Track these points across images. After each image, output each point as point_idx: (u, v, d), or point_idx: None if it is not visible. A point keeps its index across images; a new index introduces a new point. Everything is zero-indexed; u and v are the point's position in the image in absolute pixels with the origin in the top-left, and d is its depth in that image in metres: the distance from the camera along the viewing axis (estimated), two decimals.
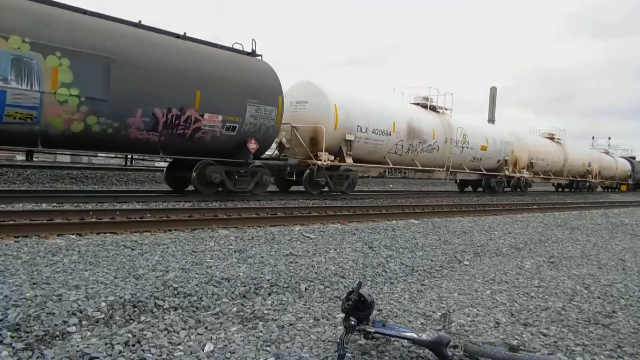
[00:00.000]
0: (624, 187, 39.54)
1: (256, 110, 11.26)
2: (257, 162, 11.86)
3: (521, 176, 23.11)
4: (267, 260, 5.12)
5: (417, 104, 18.15)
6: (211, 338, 3.11)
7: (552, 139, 28.41)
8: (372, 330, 2.93)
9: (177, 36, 10.75)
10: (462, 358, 2.87)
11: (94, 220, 6.82)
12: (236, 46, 11.85)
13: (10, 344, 2.76)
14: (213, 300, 3.80)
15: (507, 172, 21.94)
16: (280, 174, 13.50)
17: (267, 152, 13.40)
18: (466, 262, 6.19)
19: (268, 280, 4.38)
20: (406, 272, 5.36)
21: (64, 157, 18.70)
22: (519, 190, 23.42)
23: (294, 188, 14.42)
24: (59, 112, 8.45)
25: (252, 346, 3.02)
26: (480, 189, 21.87)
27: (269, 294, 4.14)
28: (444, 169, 18.24)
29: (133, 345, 2.90)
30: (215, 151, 10.97)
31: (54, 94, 8.29)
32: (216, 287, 4.05)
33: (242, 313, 3.63)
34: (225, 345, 3.00)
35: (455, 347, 2.86)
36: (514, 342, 3.29)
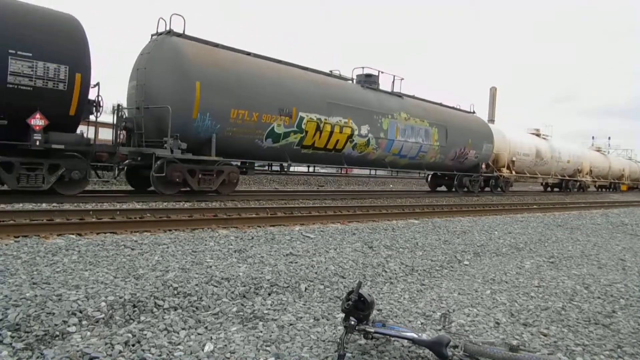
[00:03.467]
0: (624, 187, 41.24)
1: (485, 147, 21.30)
2: (481, 174, 21.61)
3: (585, 180, 33.13)
4: (267, 260, 5.12)
5: (533, 134, 29.08)
6: (211, 338, 3.11)
7: (599, 150, 39.48)
8: (372, 330, 2.92)
9: (449, 107, 20.47)
10: (462, 358, 2.86)
11: (94, 220, 6.83)
12: (457, 106, 21.41)
13: (10, 343, 2.76)
14: (213, 300, 3.80)
15: (579, 177, 32.18)
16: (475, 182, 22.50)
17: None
18: (466, 262, 6.18)
19: (268, 280, 4.38)
20: (406, 272, 5.36)
21: None
22: (582, 190, 32.66)
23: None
24: (432, 153, 18.42)
25: (252, 346, 3.02)
26: (556, 189, 31.84)
27: (269, 294, 4.14)
28: (549, 176, 29.11)
29: (133, 345, 2.90)
30: (466, 169, 20.84)
31: (432, 145, 18.15)
32: (216, 287, 4.05)
33: (242, 313, 3.62)
34: (225, 345, 3.00)
35: (455, 347, 2.86)
36: (514, 342, 3.29)
